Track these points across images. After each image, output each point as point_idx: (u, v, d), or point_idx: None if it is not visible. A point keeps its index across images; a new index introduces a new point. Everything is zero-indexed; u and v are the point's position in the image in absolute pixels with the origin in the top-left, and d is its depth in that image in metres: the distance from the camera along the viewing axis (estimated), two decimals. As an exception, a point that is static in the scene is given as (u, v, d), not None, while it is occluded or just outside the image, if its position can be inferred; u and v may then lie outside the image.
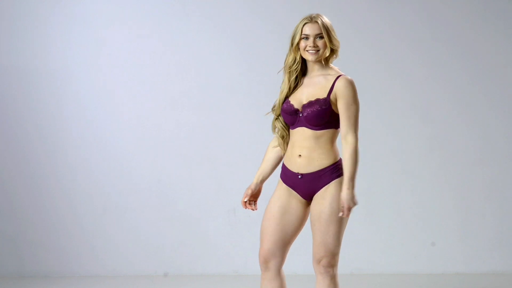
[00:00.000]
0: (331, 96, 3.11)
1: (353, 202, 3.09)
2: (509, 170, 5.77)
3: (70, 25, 5.76)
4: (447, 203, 5.77)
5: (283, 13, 5.73)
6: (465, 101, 5.78)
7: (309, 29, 3.15)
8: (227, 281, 5.58)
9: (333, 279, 3.13)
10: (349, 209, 3.09)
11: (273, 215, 3.22)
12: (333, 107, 3.12)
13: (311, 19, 3.16)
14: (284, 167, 3.24)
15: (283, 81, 3.24)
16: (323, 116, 3.10)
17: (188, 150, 5.79)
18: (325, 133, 3.13)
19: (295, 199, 3.21)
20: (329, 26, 3.16)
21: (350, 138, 3.08)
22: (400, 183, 5.78)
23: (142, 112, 5.80)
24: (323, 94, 3.12)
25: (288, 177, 3.21)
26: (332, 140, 3.16)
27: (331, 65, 3.22)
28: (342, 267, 5.68)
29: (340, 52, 5.97)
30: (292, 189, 3.21)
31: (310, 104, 3.12)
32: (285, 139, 3.26)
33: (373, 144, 5.79)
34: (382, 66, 5.79)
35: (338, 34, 5.70)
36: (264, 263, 3.25)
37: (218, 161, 5.79)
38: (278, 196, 3.24)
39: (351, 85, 3.13)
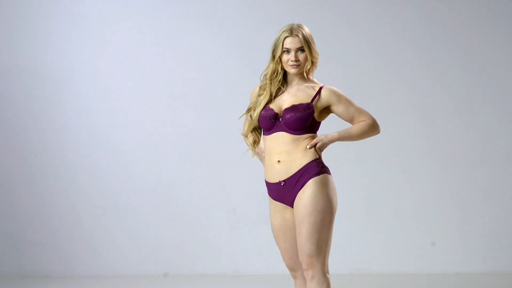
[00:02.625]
0: (316, 103, 3.15)
1: (323, 142, 3.14)
2: (509, 170, 5.77)
3: (70, 25, 5.76)
4: (447, 203, 5.77)
5: (283, 13, 5.73)
6: (465, 101, 5.78)
7: (290, 43, 3.16)
8: (227, 281, 5.58)
9: (313, 280, 3.07)
10: (317, 145, 3.13)
11: (277, 233, 3.22)
12: (315, 114, 3.15)
13: (292, 32, 3.16)
14: (266, 183, 3.22)
15: (260, 88, 3.25)
16: (305, 120, 3.12)
17: (188, 150, 5.79)
18: (304, 136, 3.14)
19: (289, 211, 3.17)
20: (309, 39, 3.17)
21: (366, 117, 3.18)
22: (400, 183, 5.78)
23: (142, 112, 5.80)
24: (306, 100, 3.15)
25: (273, 191, 3.19)
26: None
27: (311, 76, 3.24)
28: (342, 267, 5.72)
29: (341, 52, 5.99)
30: (281, 202, 3.18)
31: (293, 108, 3.14)
32: (256, 143, 3.30)
33: (373, 144, 5.78)
34: (382, 66, 5.79)
35: (338, 34, 5.75)
36: (291, 272, 3.25)
37: (218, 161, 5.79)
38: (273, 213, 3.21)
39: (338, 90, 3.21)
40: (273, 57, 3.20)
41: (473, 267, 5.73)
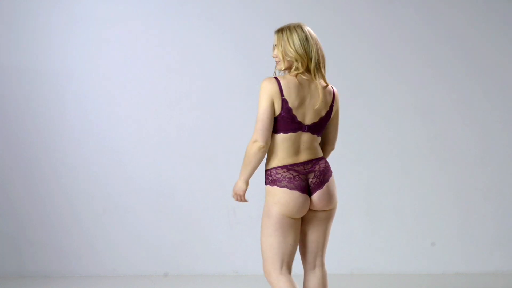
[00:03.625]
0: None
1: (235, 188, 3.27)
2: (509, 170, 5.77)
3: (70, 25, 5.76)
4: (447, 203, 5.77)
5: (283, 13, 5.73)
6: (465, 101, 5.78)
7: (273, 39, 3.23)
8: (227, 281, 5.58)
9: (270, 283, 3.16)
10: (235, 195, 3.28)
11: None
12: None
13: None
14: None
15: None
16: None
17: (188, 150, 5.79)
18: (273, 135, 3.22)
19: None
20: (283, 38, 3.15)
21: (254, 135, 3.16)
22: (400, 183, 5.78)
23: (142, 112, 5.80)
24: None
25: None
26: (272, 145, 3.19)
27: (288, 71, 3.22)
28: (342, 267, 5.73)
29: (341, 52, 5.96)
30: None
31: None
32: None
33: (374, 144, 5.79)
34: (382, 66, 5.79)
35: (338, 34, 5.73)
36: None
37: (218, 161, 5.79)
38: None
39: (261, 86, 3.15)
40: None
41: (473, 267, 5.73)
